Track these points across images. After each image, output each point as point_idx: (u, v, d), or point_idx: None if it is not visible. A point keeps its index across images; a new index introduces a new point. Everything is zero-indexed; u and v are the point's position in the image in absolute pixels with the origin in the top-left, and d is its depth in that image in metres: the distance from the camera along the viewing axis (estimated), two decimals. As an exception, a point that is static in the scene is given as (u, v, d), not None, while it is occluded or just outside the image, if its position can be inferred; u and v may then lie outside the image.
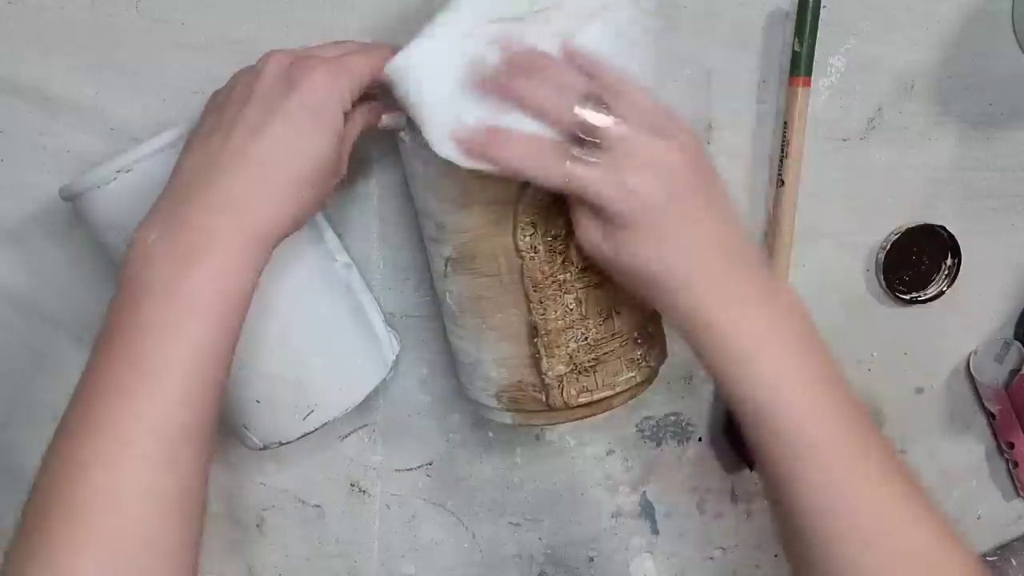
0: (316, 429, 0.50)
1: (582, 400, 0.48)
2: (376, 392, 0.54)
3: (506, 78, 0.40)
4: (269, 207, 0.39)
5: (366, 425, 0.61)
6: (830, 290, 0.62)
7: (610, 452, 0.64)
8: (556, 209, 0.45)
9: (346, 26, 0.52)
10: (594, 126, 0.39)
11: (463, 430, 0.61)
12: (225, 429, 0.53)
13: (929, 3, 0.58)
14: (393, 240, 0.57)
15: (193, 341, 0.36)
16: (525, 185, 0.44)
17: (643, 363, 0.49)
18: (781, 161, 0.57)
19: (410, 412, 0.61)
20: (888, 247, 0.61)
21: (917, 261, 0.63)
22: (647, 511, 0.65)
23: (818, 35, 0.55)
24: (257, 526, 0.62)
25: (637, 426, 0.63)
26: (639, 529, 0.66)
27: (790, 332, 0.41)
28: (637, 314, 0.49)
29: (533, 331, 0.47)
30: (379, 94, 0.45)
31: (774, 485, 0.40)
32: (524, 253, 0.45)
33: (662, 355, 0.52)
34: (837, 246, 0.62)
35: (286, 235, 0.40)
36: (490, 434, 0.62)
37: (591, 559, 0.66)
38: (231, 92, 0.42)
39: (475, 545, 0.64)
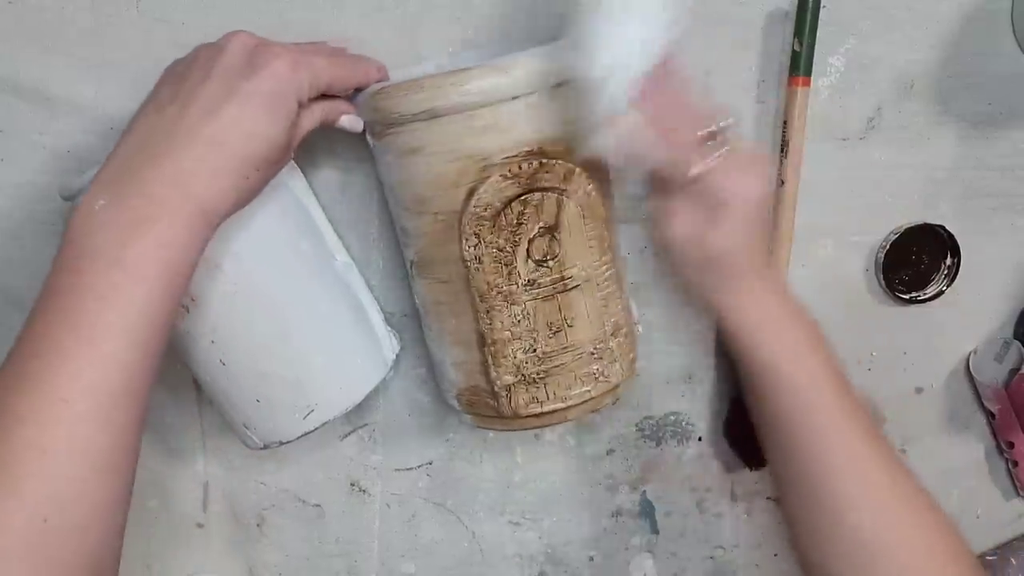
0: (316, 428, 0.50)
1: (532, 410, 0.48)
2: (376, 392, 0.54)
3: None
4: (216, 185, 0.39)
5: (366, 425, 0.61)
6: (830, 290, 0.62)
7: (610, 452, 0.64)
8: (501, 222, 0.45)
9: (345, 26, 0.52)
10: (725, 129, 0.46)
11: (463, 430, 0.61)
12: (225, 428, 0.54)
13: (929, 3, 0.58)
14: (393, 240, 0.57)
15: (135, 307, 0.37)
16: (468, 197, 0.44)
17: (600, 378, 0.49)
18: (781, 160, 0.57)
19: (410, 412, 0.61)
20: (888, 247, 0.61)
21: (917, 261, 0.63)
22: (647, 511, 0.65)
23: (818, 35, 0.55)
24: (257, 526, 0.62)
25: (637, 426, 0.63)
26: (639, 529, 0.66)
27: (803, 314, 0.50)
28: (594, 329, 0.48)
29: (481, 339, 0.47)
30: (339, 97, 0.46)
31: (788, 450, 0.48)
32: (469, 263, 0.46)
33: (627, 371, 0.51)
34: (837, 246, 0.62)
35: (228, 215, 0.41)
36: (490, 434, 0.62)
37: (591, 559, 0.66)
38: (191, 64, 0.42)
39: (475, 545, 0.64)
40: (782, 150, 0.57)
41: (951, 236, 0.61)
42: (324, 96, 0.45)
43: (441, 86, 0.43)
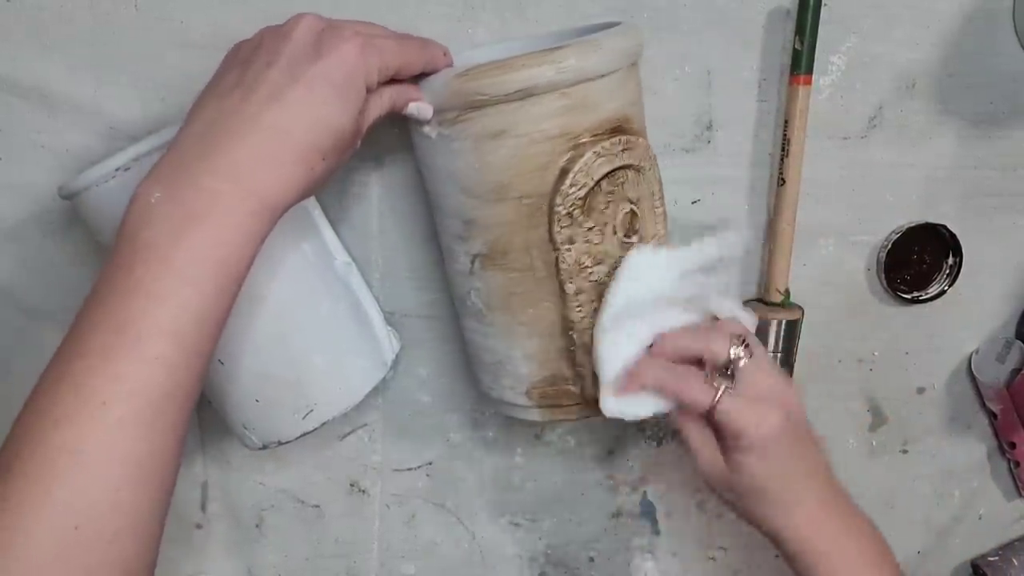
0: (315, 429, 0.50)
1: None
2: (376, 392, 0.53)
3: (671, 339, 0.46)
4: (278, 176, 0.37)
5: (366, 425, 0.60)
6: (831, 289, 0.62)
7: (610, 452, 0.63)
8: (591, 202, 0.45)
9: (345, 24, 0.52)
10: (739, 361, 0.45)
11: (463, 430, 0.61)
12: (224, 429, 0.53)
13: (930, 1, 0.57)
14: (393, 239, 0.56)
15: (184, 308, 0.35)
16: (560, 178, 0.44)
17: None
18: (782, 160, 0.57)
19: (410, 412, 0.60)
20: (889, 246, 0.61)
21: (918, 260, 0.63)
22: (647, 511, 0.65)
23: (819, 33, 0.55)
24: (256, 526, 0.61)
25: (637, 426, 0.63)
26: (639, 529, 0.65)
27: (870, 551, 0.49)
28: None
29: (566, 324, 0.47)
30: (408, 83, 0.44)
31: None
32: (560, 246, 0.45)
33: None
34: (838, 245, 0.62)
35: (292, 205, 0.39)
36: (490, 434, 0.62)
37: (591, 559, 0.65)
38: (256, 48, 0.40)
39: (475, 545, 0.64)
40: (783, 149, 0.57)
41: (953, 235, 0.61)
42: (392, 81, 0.43)
43: (540, 64, 0.42)
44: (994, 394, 0.66)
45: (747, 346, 0.45)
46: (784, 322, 0.59)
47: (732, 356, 0.45)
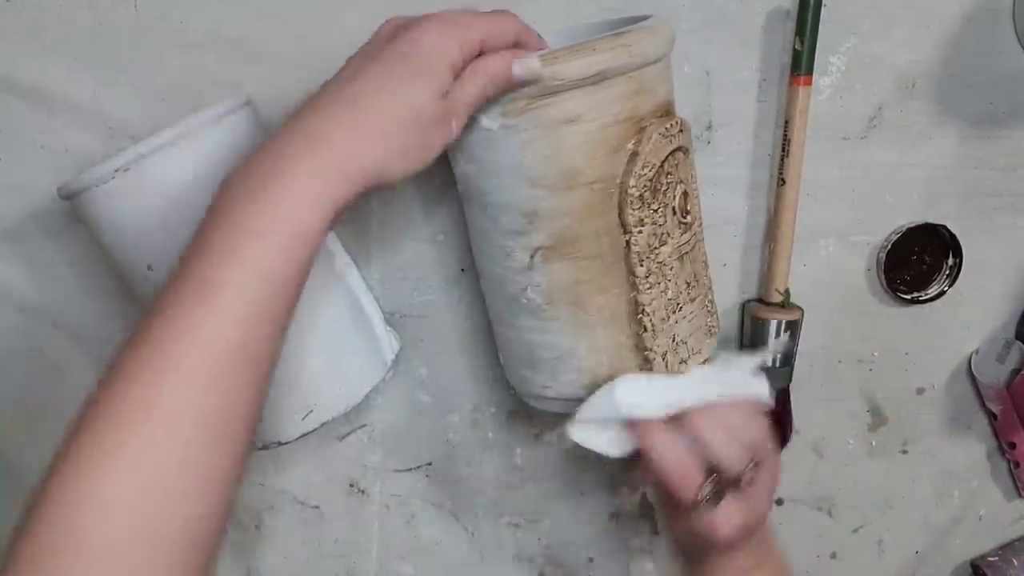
0: (315, 429, 0.50)
1: (681, 370, 0.49)
2: (375, 392, 0.53)
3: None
4: (351, 140, 0.38)
5: (365, 425, 0.60)
6: (831, 289, 0.62)
7: (610, 452, 0.64)
8: (658, 183, 0.46)
9: (345, 25, 0.52)
10: (751, 481, 0.47)
11: (463, 430, 0.61)
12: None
13: (930, 2, 0.57)
14: (392, 240, 0.56)
15: (252, 264, 0.35)
16: (631, 160, 0.45)
17: (714, 328, 0.52)
18: (782, 160, 0.57)
19: (410, 412, 0.60)
20: (889, 246, 0.61)
21: (918, 260, 0.63)
22: (647, 511, 0.65)
23: (819, 34, 0.55)
24: (256, 527, 0.61)
25: (637, 426, 0.63)
26: (639, 529, 0.65)
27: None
28: (707, 281, 0.52)
29: (638, 309, 0.47)
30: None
31: None
32: (632, 228, 0.46)
33: (718, 323, 0.54)
34: (838, 245, 0.62)
35: (372, 173, 0.38)
36: (490, 434, 0.62)
37: (591, 559, 0.65)
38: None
39: (475, 545, 0.64)
40: (783, 149, 0.57)
41: (953, 236, 0.61)
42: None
43: (613, 47, 0.43)
44: (994, 394, 0.66)
45: (756, 465, 0.47)
46: (784, 322, 0.59)
47: (743, 480, 0.46)
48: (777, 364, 0.59)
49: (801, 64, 0.55)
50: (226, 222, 0.36)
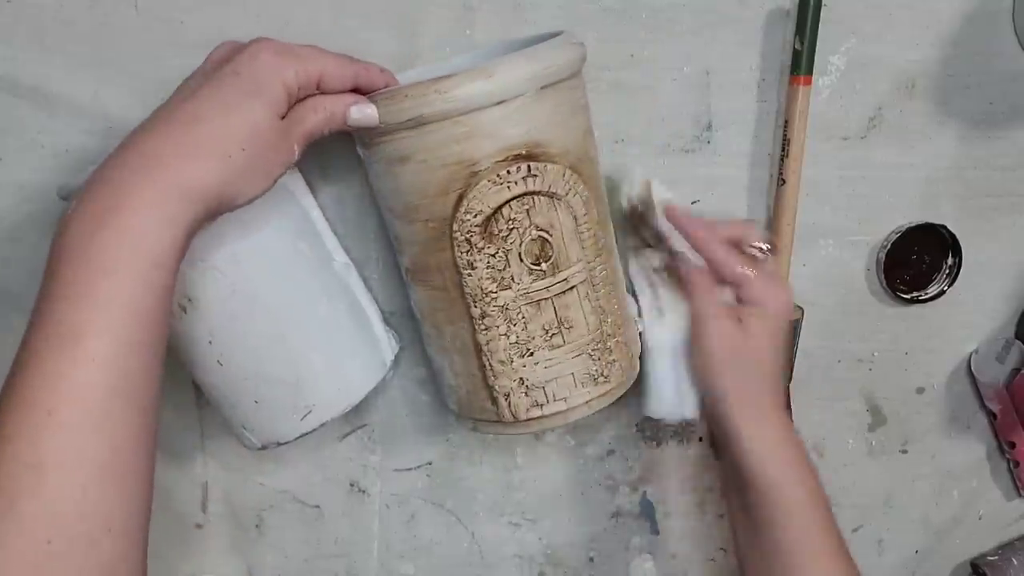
0: (315, 429, 0.50)
1: (532, 415, 0.48)
2: (375, 392, 0.53)
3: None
4: (188, 160, 0.37)
5: (365, 425, 0.60)
6: (831, 289, 0.62)
7: (610, 452, 0.64)
8: (493, 228, 0.45)
9: (344, 25, 0.52)
10: (768, 250, 0.53)
11: (463, 430, 0.61)
12: (224, 429, 0.53)
13: (930, 2, 0.57)
14: (392, 240, 0.56)
15: (109, 302, 0.34)
16: (458, 204, 0.44)
17: (599, 378, 0.48)
18: (782, 160, 0.57)
19: (409, 412, 0.60)
20: (889, 246, 0.61)
21: (918, 260, 0.63)
22: (647, 511, 0.65)
23: (819, 34, 0.55)
24: (256, 526, 0.62)
25: (637, 426, 0.63)
26: (639, 529, 0.65)
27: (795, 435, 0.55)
28: (591, 330, 0.48)
29: (478, 346, 0.47)
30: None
31: (768, 543, 0.52)
32: (462, 270, 0.45)
33: (627, 370, 0.51)
34: (838, 245, 0.62)
35: (216, 195, 0.38)
36: (490, 434, 0.62)
37: (591, 559, 0.65)
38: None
39: (475, 545, 0.64)
40: (783, 149, 0.57)
41: (952, 236, 0.61)
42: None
43: (425, 94, 0.42)
44: (994, 394, 0.66)
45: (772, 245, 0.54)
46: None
47: (763, 247, 0.53)
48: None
49: (801, 64, 0.55)
50: (77, 260, 0.35)
